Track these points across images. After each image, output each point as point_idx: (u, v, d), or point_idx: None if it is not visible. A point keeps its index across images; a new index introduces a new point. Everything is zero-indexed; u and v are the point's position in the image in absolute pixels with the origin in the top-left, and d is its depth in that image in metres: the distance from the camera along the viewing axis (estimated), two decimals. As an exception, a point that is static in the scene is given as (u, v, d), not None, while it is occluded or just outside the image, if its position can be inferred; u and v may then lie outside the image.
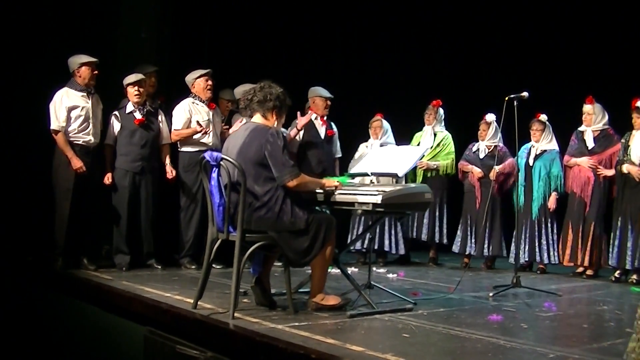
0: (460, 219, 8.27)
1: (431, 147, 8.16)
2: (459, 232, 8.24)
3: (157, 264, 6.81)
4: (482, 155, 8.12)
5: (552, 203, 7.68)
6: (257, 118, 4.81)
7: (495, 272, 7.77)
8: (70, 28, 7.42)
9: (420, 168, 8.11)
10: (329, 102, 7.62)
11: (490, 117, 7.99)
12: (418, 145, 8.15)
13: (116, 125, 6.75)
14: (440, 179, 8.25)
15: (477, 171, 8.06)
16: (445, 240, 8.29)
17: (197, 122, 6.93)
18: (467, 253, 8.12)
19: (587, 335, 4.46)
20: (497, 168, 7.83)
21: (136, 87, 6.72)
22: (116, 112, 6.77)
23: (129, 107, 6.77)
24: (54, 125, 6.41)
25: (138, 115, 6.75)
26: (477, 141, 8.25)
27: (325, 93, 7.62)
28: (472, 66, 9.88)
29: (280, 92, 4.83)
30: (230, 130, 7.01)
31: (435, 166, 8.16)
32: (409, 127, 8.54)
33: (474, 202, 8.09)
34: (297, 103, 7.59)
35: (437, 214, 8.23)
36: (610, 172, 7.30)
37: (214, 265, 5.67)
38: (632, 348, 2.77)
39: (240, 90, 6.91)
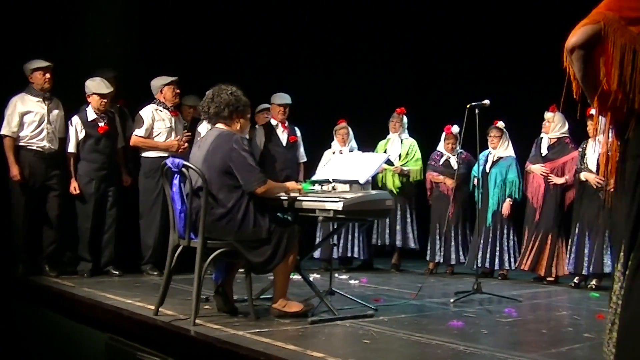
0: (430, 226, 8.28)
1: (399, 155, 8.20)
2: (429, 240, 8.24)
3: (114, 270, 6.76)
4: (455, 166, 8.12)
5: (506, 209, 7.73)
6: (220, 125, 4.81)
7: (458, 278, 7.82)
8: (34, 32, 7.32)
9: (394, 171, 8.13)
10: (284, 109, 7.68)
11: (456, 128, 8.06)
12: (385, 152, 8.16)
13: (79, 133, 6.68)
14: (411, 185, 8.32)
15: (450, 182, 8.00)
16: (415, 245, 8.28)
17: (177, 140, 6.97)
18: (436, 261, 8.15)
19: (546, 341, 4.51)
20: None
21: (106, 100, 6.70)
22: (74, 119, 6.69)
23: (91, 114, 6.71)
24: (4, 130, 6.41)
25: (101, 123, 6.72)
26: (440, 150, 8.31)
27: (280, 100, 7.66)
28: (433, 74, 9.92)
29: (231, 97, 4.75)
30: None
31: (407, 171, 8.21)
32: (370, 134, 8.55)
33: (445, 210, 8.02)
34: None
35: (407, 219, 8.27)
36: (561, 180, 7.38)
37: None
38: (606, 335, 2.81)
39: None
